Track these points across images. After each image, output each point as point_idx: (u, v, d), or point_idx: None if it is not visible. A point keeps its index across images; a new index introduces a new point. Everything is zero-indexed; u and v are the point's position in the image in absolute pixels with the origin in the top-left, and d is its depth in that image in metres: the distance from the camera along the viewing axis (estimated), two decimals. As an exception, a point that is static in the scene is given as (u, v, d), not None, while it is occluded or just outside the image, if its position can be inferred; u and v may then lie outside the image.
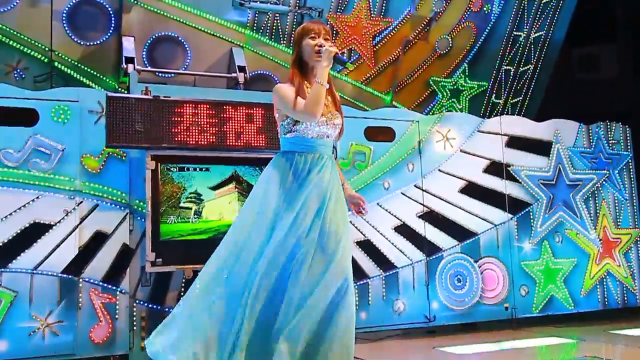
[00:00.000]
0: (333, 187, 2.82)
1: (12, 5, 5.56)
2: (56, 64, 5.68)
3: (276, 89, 2.88)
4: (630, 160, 6.49)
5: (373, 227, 5.32)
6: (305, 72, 2.91)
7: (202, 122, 4.53)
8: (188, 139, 4.48)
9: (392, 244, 5.37)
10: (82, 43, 5.80)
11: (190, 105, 4.52)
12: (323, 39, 2.86)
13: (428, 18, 7.19)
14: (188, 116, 4.50)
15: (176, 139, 4.45)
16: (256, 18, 6.40)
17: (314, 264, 2.67)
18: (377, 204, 5.37)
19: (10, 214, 4.23)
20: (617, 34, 9.61)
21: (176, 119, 4.47)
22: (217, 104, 4.60)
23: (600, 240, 6.18)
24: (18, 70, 5.61)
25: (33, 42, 5.64)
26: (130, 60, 5.34)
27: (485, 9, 7.45)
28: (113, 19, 5.86)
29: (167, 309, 4.52)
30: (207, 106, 4.56)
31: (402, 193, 5.49)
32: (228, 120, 4.59)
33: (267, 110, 4.65)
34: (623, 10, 9.51)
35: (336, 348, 2.60)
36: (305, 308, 2.60)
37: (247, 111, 4.65)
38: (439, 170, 5.66)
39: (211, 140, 4.54)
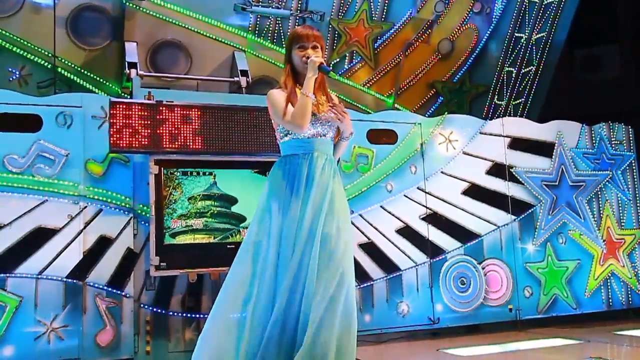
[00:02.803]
0: (334, 188, 2.82)
1: (15, 12, 5.58)
2: (59, 69, 5.71)
3: (268, 96, 2.91)
4: (633, 161, 6.48)
5: (376, 229, 5.33)
6: (297, 77, 2.93)
7: (205, 126, 4.54)
8: (191, 143, 4.50)
9: (396, 246, 5.37)
10: (85, 49, 5.83)
11: (193, 109, 4.54)
12: (312, 47, 2.88)
13: (429, 20, 7.19)
14: (191, 120, 4.52)
15: (179, 143, 4.47)
16: (258, 22, 6.42)
17: (314, 268, 2.67)
18: (380, 206, 5.38)
19: (15, 219, 4.25)
20: (618, 34, 9.62)
21: (179, 123, 4.49)
22: (220, 108, 4.62)
23: (604, 241, 6.18)
24: (20, 75, 5.63)
25: (36, 48, 5.66)
26: (132, 65, 5.35)
27: (486, 10, 7.45)
28: (115, 24, 5.88)
29: (171, 313, 4.54)
30: (210, 110, 4.58)
31: (405, 195, 5.49)
32: (231, 124, 4.61)
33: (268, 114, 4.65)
34: (624, 10, 9.51)
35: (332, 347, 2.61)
36: (308, 315, 2.60)
37: (251, 115, 4.66)
38: (442, 172, 5.66)
39: (213, 144, 4.56)
